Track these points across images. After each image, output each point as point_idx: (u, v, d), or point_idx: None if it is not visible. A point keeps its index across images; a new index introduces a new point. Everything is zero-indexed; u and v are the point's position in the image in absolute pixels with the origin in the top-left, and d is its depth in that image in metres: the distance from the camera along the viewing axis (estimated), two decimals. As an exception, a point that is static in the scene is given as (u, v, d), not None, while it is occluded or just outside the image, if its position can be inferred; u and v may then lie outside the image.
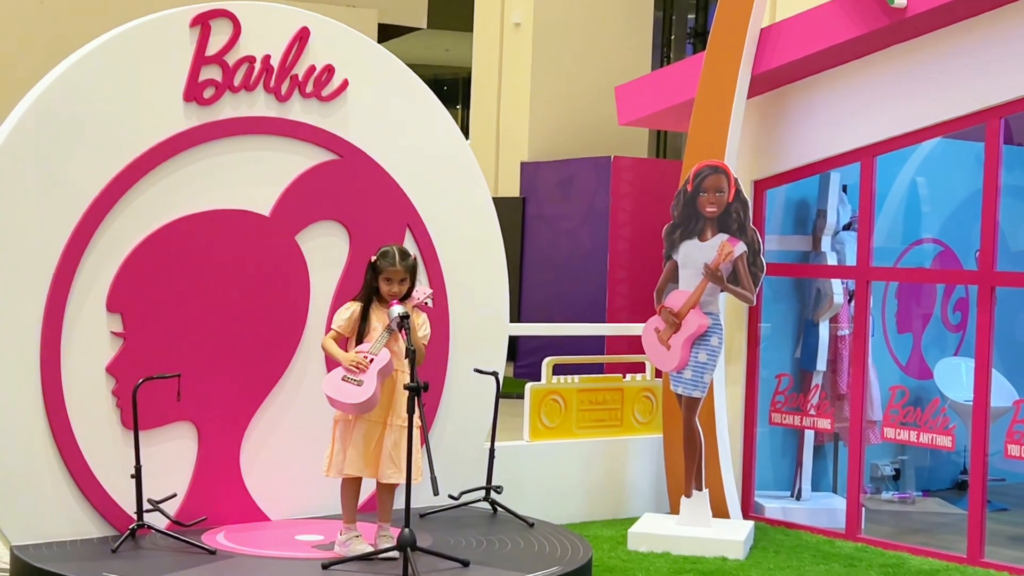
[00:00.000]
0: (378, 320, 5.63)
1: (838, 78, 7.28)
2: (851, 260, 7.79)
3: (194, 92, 5.89)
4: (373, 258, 5.67)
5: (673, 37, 19.06)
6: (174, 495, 5.88)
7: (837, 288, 7.88)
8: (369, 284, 5.67)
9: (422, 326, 5.69)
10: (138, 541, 5.60)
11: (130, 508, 5.67)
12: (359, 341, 5.62)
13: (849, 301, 7.85)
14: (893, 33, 6.88)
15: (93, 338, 5.70)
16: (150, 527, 5.64)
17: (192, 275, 5.93)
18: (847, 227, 8.06)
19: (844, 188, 8.04)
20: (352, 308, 5.69)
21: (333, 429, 5.65)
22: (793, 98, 7.49)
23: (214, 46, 5.92)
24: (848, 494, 7.28)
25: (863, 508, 7.32)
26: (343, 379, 5.49)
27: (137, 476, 5.59)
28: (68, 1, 16.26)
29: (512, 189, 14.98)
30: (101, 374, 5.73)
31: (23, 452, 5.53)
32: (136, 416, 5.61)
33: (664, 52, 18.83)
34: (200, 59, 5.89)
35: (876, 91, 7.09)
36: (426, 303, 5.76)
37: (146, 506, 5.65)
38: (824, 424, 7.61)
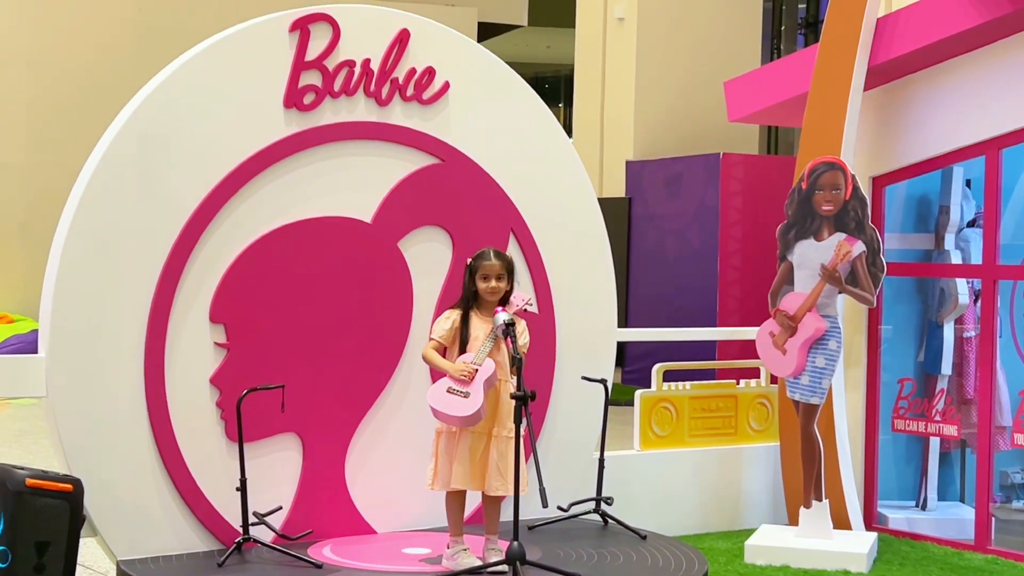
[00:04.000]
0: (478, 328, 5.65)
1: (959, 68, 7.16)
2: (976, 258, 7.66)
3: (294, 98, 5.96)
4: (469, 260, 5.71)
5: (784, 28, 18.83)
6: (279, 508, 5.95)
7: (962, 288, 7.75)
8: (467, 289, 5.70)
9: (521, 334, 5.67)
10: (244, 555, 5.68)
11: (236, 521, 5.75)
12: (460, 351, 5.65)
13: (975, 301, 7.73)
14: (1018, 19, 6.74)
15: (197, 349, 5.78)
16: (256, 541, 5.71)
17: (294, 284, 6.00)
18: (971, 224, 7.93)
19: (968, 183, 7.91)
20: (452, 316, 5.71)
21: (435, 441, 5.68)
22: (912, 90, 7.38)
23: (313, 51, 5.99)
24: (977, 503, 7.17)
25: (993, 518, 7.19)
26: (448, 391, 5.52)
27: (242, 489, 5.67)
28: (166, 9, 16.67)
29: (617, 189, 14.95)
30: (205, 386, 5.81)
31: (129, 466, 5.64)
32: (240, 428, 5.69)
33: (774, 44, 18.61)
34: (300, 64, 5.96)
35: (1001, 81, 6.96)
36: (525, 309, 5.77)
37: (252, 519, 5.73)
38: (950, 430, 7.52)
